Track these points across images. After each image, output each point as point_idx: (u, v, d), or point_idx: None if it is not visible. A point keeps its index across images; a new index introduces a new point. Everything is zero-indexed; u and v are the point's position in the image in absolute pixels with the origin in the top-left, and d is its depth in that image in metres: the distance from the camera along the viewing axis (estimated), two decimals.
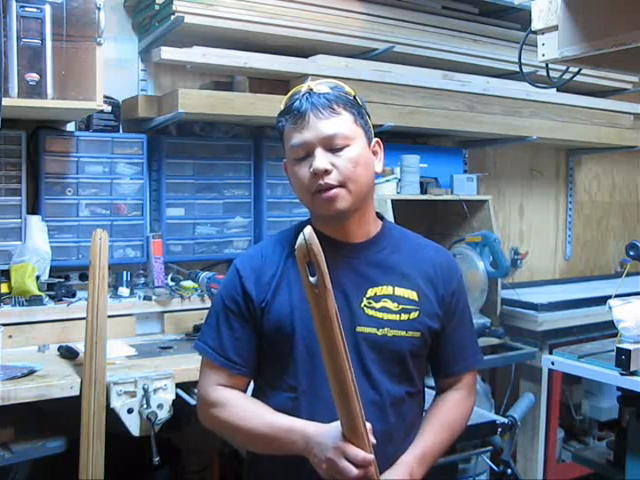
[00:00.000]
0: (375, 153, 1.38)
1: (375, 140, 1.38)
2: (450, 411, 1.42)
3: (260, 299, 1.33)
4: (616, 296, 2.21)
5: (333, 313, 1.08)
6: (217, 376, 1.36)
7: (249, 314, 1.34)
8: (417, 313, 1.34)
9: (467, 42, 3.08)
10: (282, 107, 1.35)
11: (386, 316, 1.32)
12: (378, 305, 1.33)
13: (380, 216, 1.45)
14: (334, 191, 1.27)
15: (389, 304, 1.33)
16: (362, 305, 1.32)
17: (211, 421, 1.38)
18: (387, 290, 1.34)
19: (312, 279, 1.06)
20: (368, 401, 1.27)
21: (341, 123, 1.29)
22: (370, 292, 1.33)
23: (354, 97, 1.34)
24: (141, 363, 2.17)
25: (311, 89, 1.31)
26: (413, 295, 1.35)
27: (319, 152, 1.27)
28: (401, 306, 1.33)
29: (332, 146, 1.28)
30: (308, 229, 1.06)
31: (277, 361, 1.34)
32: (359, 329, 1.31)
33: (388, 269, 1.36)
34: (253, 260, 1.39)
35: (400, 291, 1.34)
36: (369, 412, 1.21)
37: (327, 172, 1.27)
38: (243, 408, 1.33)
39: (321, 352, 1.13)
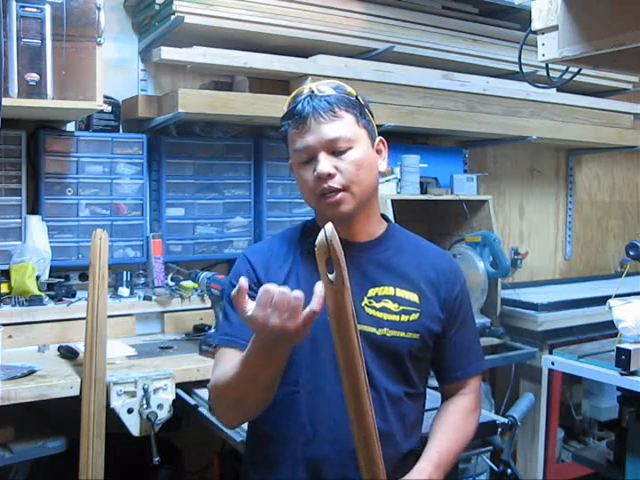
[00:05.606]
0: (379, 152, 1.38)
1: (379, 139, 1.38)
2: (460, 415, 1.41)
3: None
4: (616, 296, 2.21)
5: (350, 310, 1.06)
6: (227, 357, 1.30)
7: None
8: (417, 315, 1.34)
9: (467, 42, 3.08)
10: (285, 109, 1.35)
11: (386, 316, 1.32)
12: (378, 305, 1.33)
13: (386, 218, 1.45)
14: (339, 196, 1.28)
15: (389, 305, 1.33)
16: (363, 304, 1.32)
17: (214, 394, 1.32)
18: (388, 291, 1.34)
19: (331, 276, 1.05)
20: None
21: (343, 126, 1.29)
22: (371, 292, 1.34)
23: (356, 97, 1.34)
24: (141, 363, 2.18)
25: (312, 91, 1.31)
26: (414, 297, 1.35)
27: (322, 156, 1.28)
28: (401, 307, 1.34)
29: (335, 149, 1.28)
30: (329, 226, 1.04)
31: None
32: (359, 327, 1.30)
33: (390, 270, 1.36)
34: (261, 254, 1.40)
35: (401, 292, 1.35)
36: None
37: (331, 176, 1.27)
38: (230, 365, 1.26)
39: (323, 347, 1.11)
